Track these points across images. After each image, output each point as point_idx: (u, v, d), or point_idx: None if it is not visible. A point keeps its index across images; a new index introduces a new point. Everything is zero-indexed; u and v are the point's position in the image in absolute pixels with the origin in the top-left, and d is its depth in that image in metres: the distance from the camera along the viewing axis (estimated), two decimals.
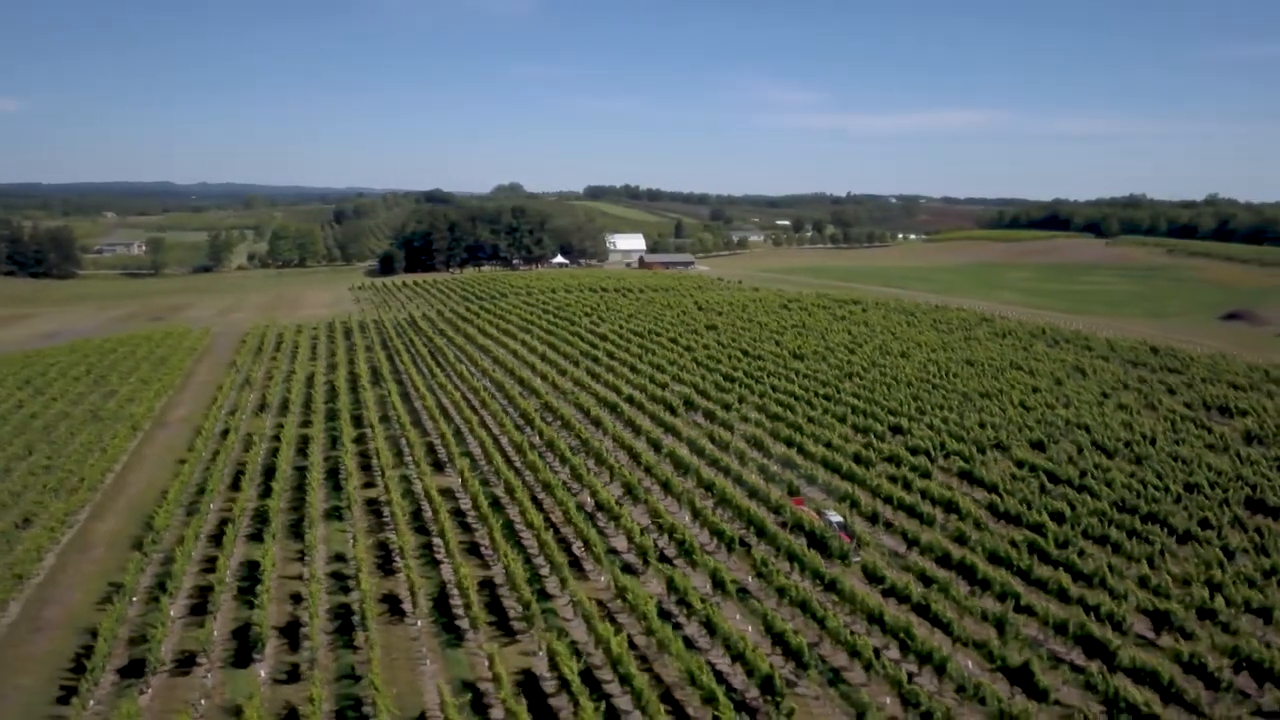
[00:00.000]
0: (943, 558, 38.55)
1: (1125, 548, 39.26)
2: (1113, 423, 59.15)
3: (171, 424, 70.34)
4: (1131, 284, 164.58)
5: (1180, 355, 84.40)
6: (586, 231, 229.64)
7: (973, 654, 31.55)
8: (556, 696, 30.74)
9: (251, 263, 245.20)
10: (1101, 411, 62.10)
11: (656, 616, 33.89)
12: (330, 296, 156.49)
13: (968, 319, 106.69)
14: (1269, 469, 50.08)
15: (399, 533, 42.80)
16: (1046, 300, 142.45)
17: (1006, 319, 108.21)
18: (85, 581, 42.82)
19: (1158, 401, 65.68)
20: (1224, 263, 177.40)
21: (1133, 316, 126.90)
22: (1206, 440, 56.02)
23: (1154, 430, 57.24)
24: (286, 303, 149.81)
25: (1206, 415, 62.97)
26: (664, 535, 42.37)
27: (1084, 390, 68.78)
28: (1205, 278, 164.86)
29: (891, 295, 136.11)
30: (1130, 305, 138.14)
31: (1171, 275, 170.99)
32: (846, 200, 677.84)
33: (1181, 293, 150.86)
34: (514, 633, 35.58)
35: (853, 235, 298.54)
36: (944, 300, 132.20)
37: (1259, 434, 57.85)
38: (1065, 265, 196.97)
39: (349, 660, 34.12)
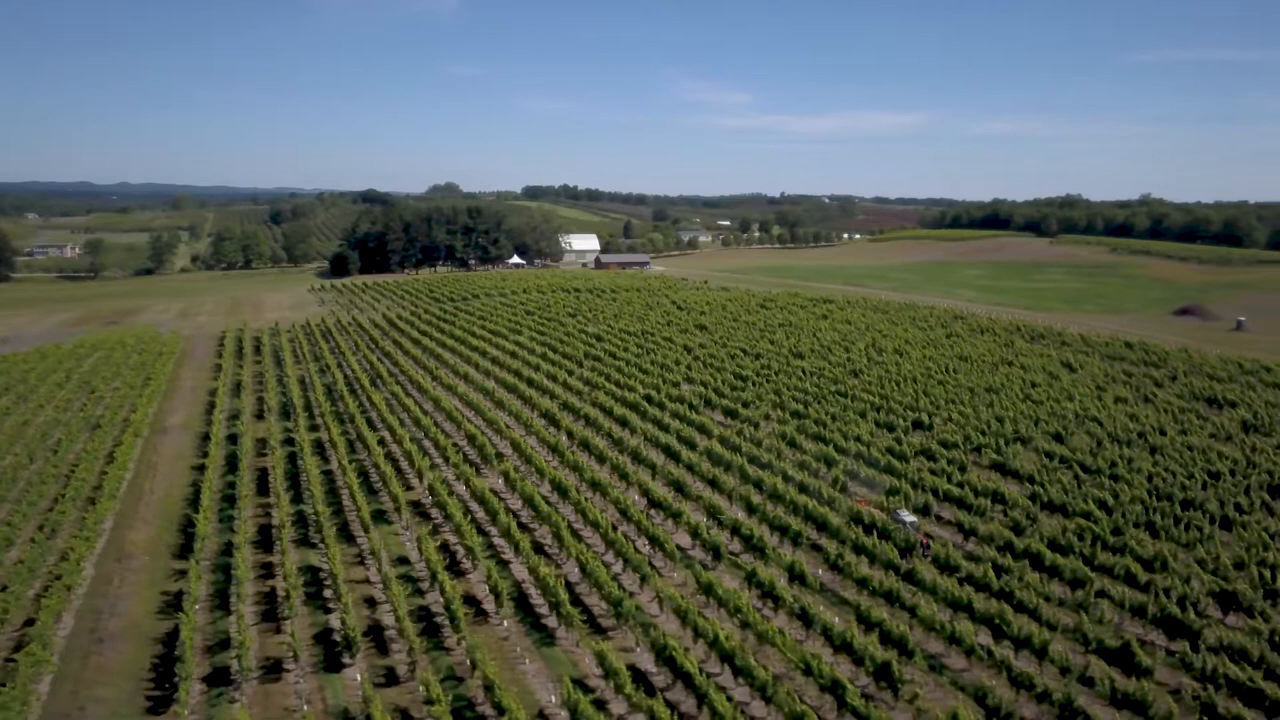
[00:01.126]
0: (1005, 546, 39.81)
1: (1172, 533, 40.95)
2: (1118, 415, 61.35)
3: (171, 430, 68.72)
4: (1081, 281, 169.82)
5: (1152, 349, 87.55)
6: (542, 232, 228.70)
7: (1061, 637, 32.78)
8: (670, 690, 31.10)
9: (195, 265, 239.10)
10: (1104, 405, 64.32)
11: (752, 609, 34.49)
12: (290, 299, 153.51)
13: (941, 316, 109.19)
14: (1277, 456, 52.46)
15: (461, 533, 42.66)
16: (1005, 297, 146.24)
17: (977, 316, 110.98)
18: (136, 591, 41.88)
19: (1151, 394, 68.23)
20: (1165, 260, 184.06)
21: (1092, 313, 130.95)
22: (1210, 430, 58.44)
23: (1159, 422, 59.50)
24: (246, 305, 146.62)
25: (1200, 407, 65.57)
26: (725, 531, 42.92)
27: (1078, 384, 71.13)
28: (1150, 275, 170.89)
29: (858, 294, 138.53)
30: (1087, 302, 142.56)
31: (1118, 272, 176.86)
32: (783, 200, 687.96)
33: (1131, 289, 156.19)
34: (603, 630, 35.81)
35: (799, 235, 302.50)
36: (909, 298, 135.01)
37: (1254, 423, 60.53)
38: (1014, 263, 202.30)
39: (445, 662, 34.04)
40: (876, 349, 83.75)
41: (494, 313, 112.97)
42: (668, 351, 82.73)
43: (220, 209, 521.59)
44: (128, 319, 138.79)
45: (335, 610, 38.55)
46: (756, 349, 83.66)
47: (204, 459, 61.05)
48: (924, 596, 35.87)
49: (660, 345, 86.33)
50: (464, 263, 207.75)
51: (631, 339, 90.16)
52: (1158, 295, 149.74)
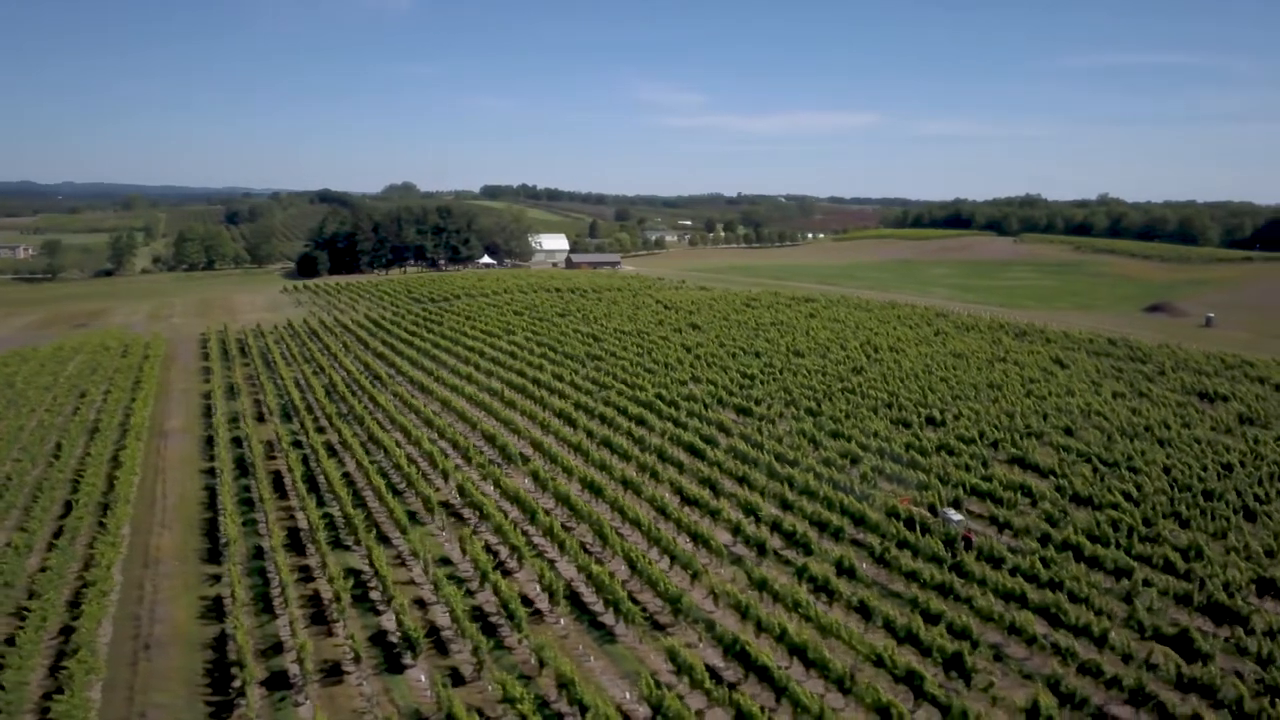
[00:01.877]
0: (1043, 538, 40.73)
1: (1199, 523, 42.16)
2: (1121, 409, 62.87)
3: (172, 434, 67.67)
4: (1050, 279, 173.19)
5: (1135, 345, 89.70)
6: (512, 232, 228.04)
7: (1116, 625, 33.64)
8: (743, 684, 31.41)
9: (156, 266, 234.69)
10: (1104, 399, 65.85)
11: (811, 603, 34.95)
12: (264, 300, 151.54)
13: (924, 314, 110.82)
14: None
15: (503, 533, 42.67)
16: (980, 295, 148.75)
17: (958, 314, 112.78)
18: (172, 596, 41.29)
19: (1146, 389, 69.98)
20: (1128, 259, 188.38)
21: (1065, 310, 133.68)
22: (1210, 424, 60.13)
23: (1161, 416, 61.08)
24: (218, 307, 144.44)
25: (1195, 401, 67.37)
26: (764, 527, 43.30)
27: (1074, 380, 72.72)
28: (1116, 273, 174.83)
29: (835, 293, 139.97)
30: (1059, 299, 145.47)
31: (1084, 271, 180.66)
32: (741, 200, 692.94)
33: (1100, 287, 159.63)
34: (661, 626, 36.04)
35: (764, 235, 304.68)
36: (886, 297, 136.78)
37: (1250, 416, 62.39)
38: (981, 262, 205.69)
39: (508, 661, 34.04)
40: (872, 347, 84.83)
41: (480, 313, 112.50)
42: (667, 350, 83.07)
43: (173, 209, 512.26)
44: (96, 321, 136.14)
45: (385, 612, 38.35)
46: (755, 347, 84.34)
47: (211, 462, 60.36)
48: (975, 588, 36.51)
49: (658, 344, 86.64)
50: (434, 263, 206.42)
51: (628, 338, 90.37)
52: (1125, 292, 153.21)
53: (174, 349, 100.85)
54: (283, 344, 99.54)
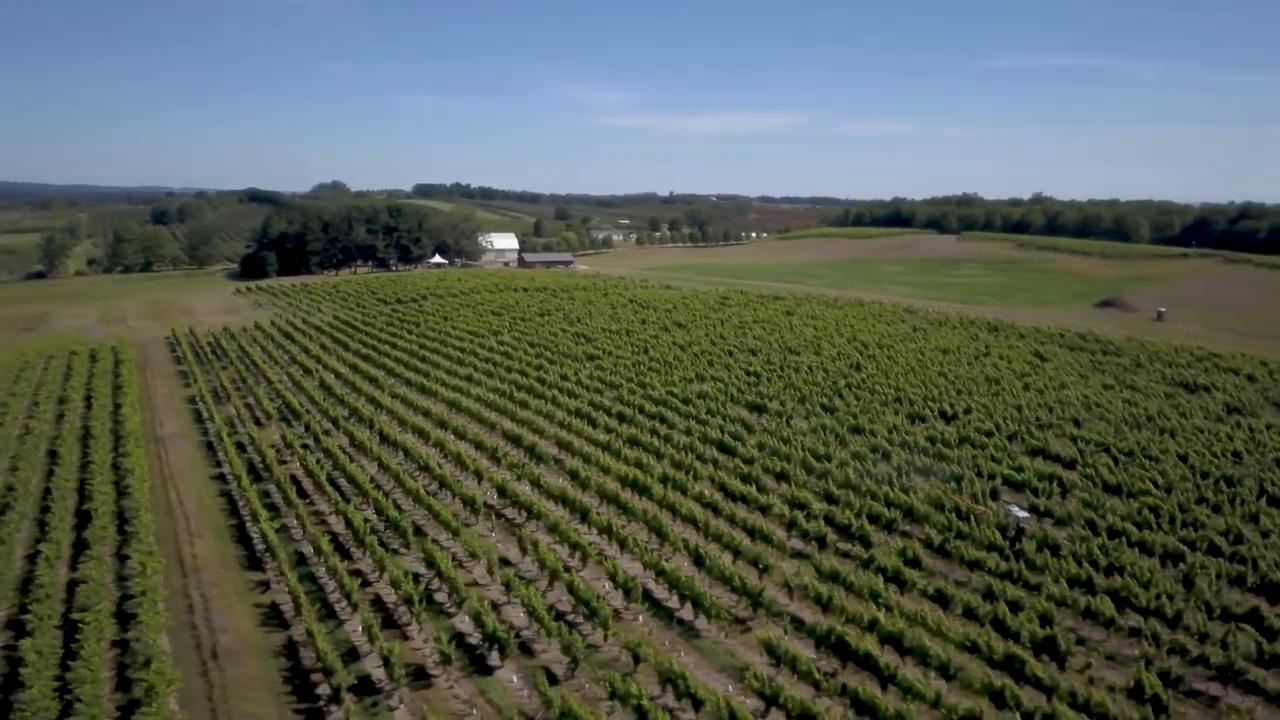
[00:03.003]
0: (1089, 526, 42.22)
1: (1228, 509, 44.10)
2: (1116, 400, 65.24)
3: (169, 440, 65.91)
4: (999, 276, 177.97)
5: (1104, 339, 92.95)
6: (462, 231, 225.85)
7: (1186, 607, 35.11)
8: (840, 674, 32.02)
9: (92, 268, 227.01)
10: (1097, 391, 68.21)
11: (889, 593, 35.77)
12: (219, 302, 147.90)
13: (895, 311, 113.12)
14: (1277, 435, 56.82)
15: (560, 532, 42.69)
16: (936, 292, 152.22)
17: (926, 310, 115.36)
18: (226, 605, 40.45)
19: (1131, 381, 72.65)
20: (1070, 256, 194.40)
21: (1021, 305, 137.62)
22: (1203, 413, 62.75)
23: (1156, 406, 63.54)
24: (174, 309, 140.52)
25: (1181, 392, 70.13)
26: (819, 521, 43.93)
27: (1062, 373, 75.14)
28: (1061, 269, 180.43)
29: (800, 291, 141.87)
30: (1013, 295, 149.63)
31: (1030, 267, 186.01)
32: (674, 200, 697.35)
33: (1050, 284, 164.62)
34: (740, 620, 36.46)
35: (709, 235, 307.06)
36: (848, 294, 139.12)
37: (1236, 406, 65.27)
38: (928, 259, 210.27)
39: (597, 658, 34.15)
40: (860, 343, 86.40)
41: (455, 314, 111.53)
42: (663, 349, 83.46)
43: (93, 209, 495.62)
44: (42, 325, 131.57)
45: (455, 614, 38.11)
46: (748, 345, 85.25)
47: (218, 468, 59.13)
48: (1045, 575, 37.61)
49: (651, 343, 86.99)
50: (384, 263, 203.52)
51: (618, 337, 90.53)
52: (1074, 289, 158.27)
53: (144, 353, 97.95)
54: (258, 346, 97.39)
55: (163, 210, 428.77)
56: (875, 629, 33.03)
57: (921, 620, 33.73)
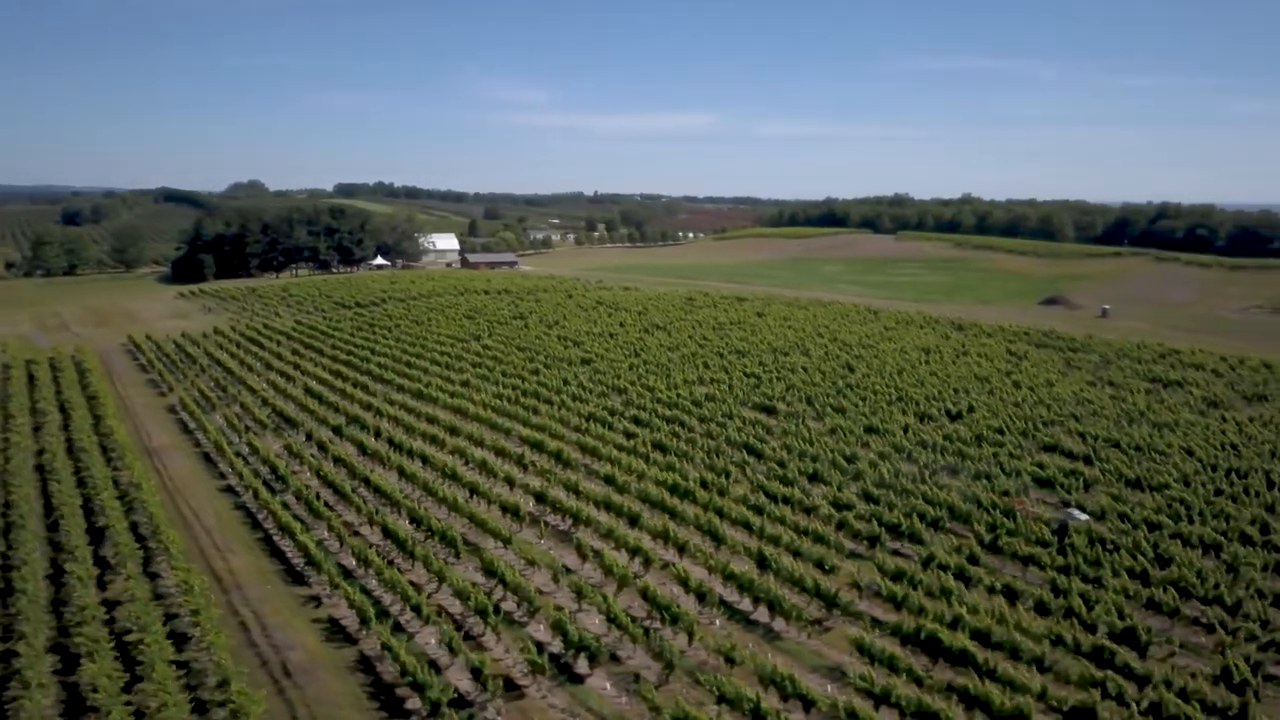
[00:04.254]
0: (1122, 518, 43.98)
1: (1244, 500, 46.37)
2: (1103, 397, 67.84)
3: (162, 452, 63.87)
4: (941, 275, 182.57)
5: (1065, 337, 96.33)
6: (403, 232, 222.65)
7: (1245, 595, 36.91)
8: (935, 668, 32.88)
9: (11, 271, 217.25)
10: (1082, 388, 70.80)
11: (961, 590, 36.83)
12: (163, 307, 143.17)
13: (860, 311, 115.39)
14: (1262, 427, 59.83)
15: (616, 537, 42.81)
16: (887, 291, 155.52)
17: (889, 310, 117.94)
18: (284, 621, 39.57)
19: (1110, 378, 75.52)
20: (1006, 255, 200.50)
21: (970, 304, 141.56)
22: (1187, 408, 65.64)
23: (1145, 402, 66.27)
24: (117, 315, 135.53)
25: (1158, 387, 73.17)
26: (872, 522, 44.64)
27: (1042, 370, 77.76)
28: (999, 268, 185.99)
29: (758, 291, 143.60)
30: (960, 294, 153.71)
31: (969, 266, 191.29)
32: (602, 199, 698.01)
33: (992, 282, 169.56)
34: (817, 621, 37.06)
35: (648, 235, 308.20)
36: (805, 294, 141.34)
37: (1213, 400, 68.44)
38: (868, 259, 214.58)
39: (685, 663, 34.42)
40: (842, 344, 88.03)
41: (425, 317, 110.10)
42: (654, 352, 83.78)
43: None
44: None
45: (528, 623, 37.96)
46: (734, 347, 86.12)
47: (224, 480, 57.63)
48: (1104, 569, 39.01)
49: (637, 346, 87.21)
50: (326, 265, 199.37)
51: (603, 341, 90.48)
52: (1016, 287, 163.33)
53: (105, 361, 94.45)
54: (225, 353, 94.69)
55: (74, 210, 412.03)
56: (959, 625, 33.96)
57: (1000, 616, 34.77)
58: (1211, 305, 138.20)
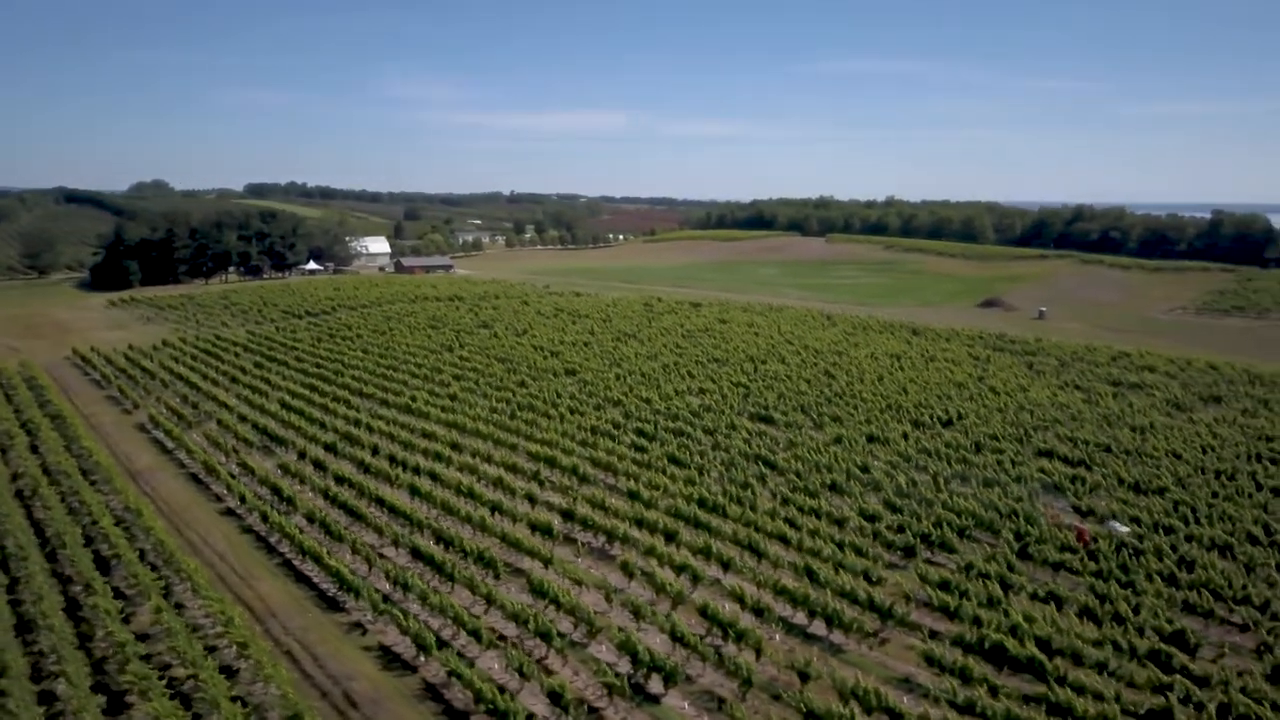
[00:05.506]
0: (1134, 521, 46.19)
1: (1238, 501, 49.08)
2: (1076, 401, 70.78)
3: (147, 474, 61.84)
4: (877, 277, 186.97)
5: (1021, 341, 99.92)
6: (336, 235, 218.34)
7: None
8: (1001, 676, 34.19)
9: None
10: (1053, 392, 73.73)
11: (1005, 597, 38.32)
12: (96, 317, 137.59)
13: (815, 316, 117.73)
14: (1229, 429, 63.23)
15: (658, 555, 43.18)
16: (831, 294, 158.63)
17: (841, 314, 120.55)
18: (334, 651, 38.89)
19: (1076, 382, 78.72)
20: (936, 257, 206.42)
21: (911, 306, 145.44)
22: (1157, 410, 68.92)
23: (1118, 406, 69.33)
24: (46, 326, 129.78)
25: (1122, 390, 76.58)
26: (904, 534, 45.79)
27: (1010, 374, 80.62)
28: (933, 270, 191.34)
29: (713, 296, 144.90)
30: (900, 296, 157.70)
31: (903, 269, 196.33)
32: (522, 199, 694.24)
33: (926, 284, 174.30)
34: (872, 633, 38.10)
35: (579, 237, 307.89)
36: (752, 298, 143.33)
37: (1176, 401, 72.01)
38: (803, 262, 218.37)
39: (760, 680, 35.03)
40: (813, 351, 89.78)
41: (386, 326, 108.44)
42: (634, 362, 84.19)
43: None
44: None
45: (589, 644, 38.08)
46: (712, 355, 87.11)
47: (220, 502, 56.15)
48: (1137, 574, 40.89)
49: (614, 356, 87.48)
50: (257, 270, 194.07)
51: (578, 350, 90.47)
52: (951, 289, 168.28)
53: (54, 377, 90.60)
54: (184, 365, 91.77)
55: None
56: (1017, 633, 35.35)
57: (1053, 622, 36.30)
58: (1137, 306, 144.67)
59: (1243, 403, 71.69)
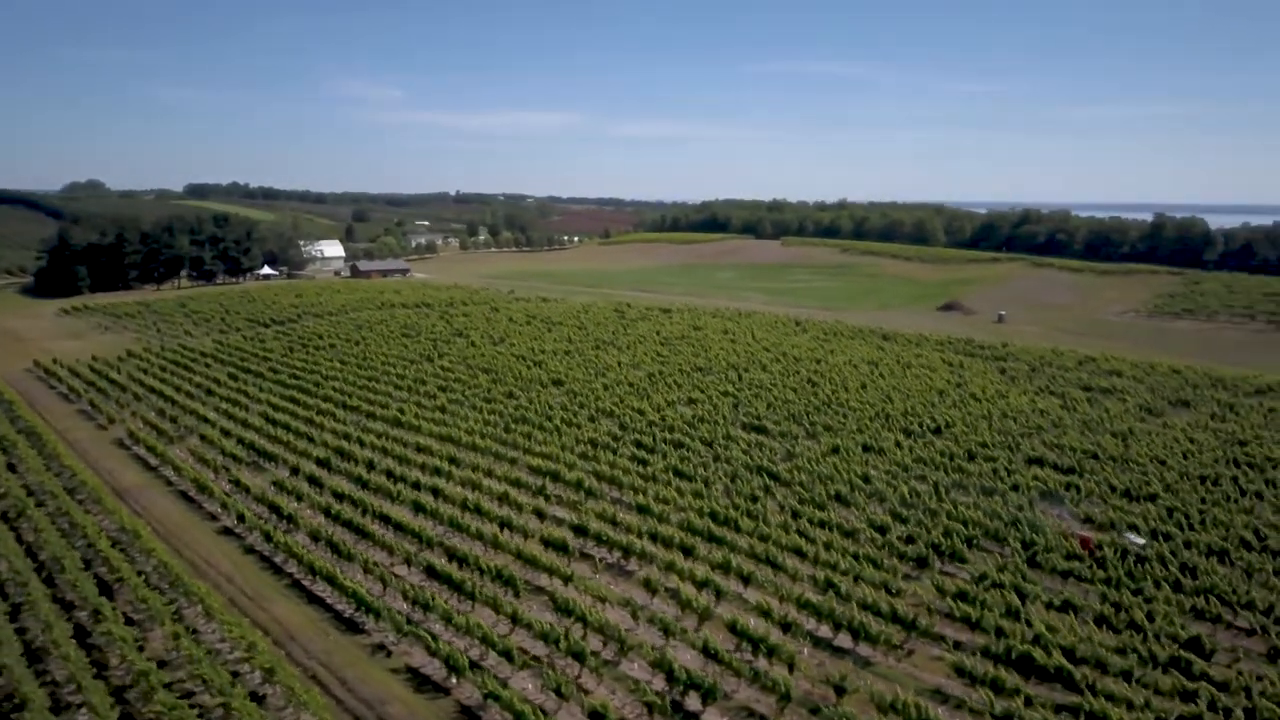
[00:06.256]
0: (1132, 529, 47.74)
1: (1224, 506, 50.99)
2: (1054, 407, 72.68)
3: (135, 493, 60.63)
4: (836, 280, 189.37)
5: (987, 345, 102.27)
6: (290, 239, 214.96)
7: None
8: (1028, 685, 35.23)
9: None
10: (1032, 399, 75.63)
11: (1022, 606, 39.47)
12: (49, 325, 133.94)
13: (783, 323, 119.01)
14: (1203, 433, 65.52)
15: (677, 571, 43.61)
16: (790, 298, 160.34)
17: (810, 319, 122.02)
18: (361, 674, 38.61)
19: (1049, 387, 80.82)
20: (892, 260, 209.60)
21: (873, 310, 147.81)
22: (1131, 416, 71.09)
23: (1095, 412, 71.33)
24: (1, 338, 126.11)
25: (1095, 395, 78.80)
26: (915, 544, 46.74)
27: (986, 382, 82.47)
28: (890, 273, 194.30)
29: (681, 302, 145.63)
30: (861, 300, 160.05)
31: (860, 272, 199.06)
32: (470, 199, 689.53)
33: (885, 287, 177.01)
34: (898, 646, 38.92)
35: (534, 239, 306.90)
36: (716, 303, 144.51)
37: (1148, 406, 74.36)
38: (760, 265, 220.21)
39: (796, 694, 35.64)
40: (792, 358, 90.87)
41: (358, 335, 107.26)
42: (618, 371, 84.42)
43: None
44: None
45: (620, 661, 38.36)
46: (694, 364, 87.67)
47: (216, 521, 55.31)
48: (1144, 581, 42.25)
49: (597, 365, 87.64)
50: (210, 276, 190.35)
51: (563, 360, 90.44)
52: (910, 292, 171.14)
53: (19, 391, 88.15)
54: (154, 377, 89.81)
55: None
56: (1040, 642, 36.45)
57: (1072, 630, 37.49)
58: (1090, 309, 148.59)
59: (1210, 407, 74.24)
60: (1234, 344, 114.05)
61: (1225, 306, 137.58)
